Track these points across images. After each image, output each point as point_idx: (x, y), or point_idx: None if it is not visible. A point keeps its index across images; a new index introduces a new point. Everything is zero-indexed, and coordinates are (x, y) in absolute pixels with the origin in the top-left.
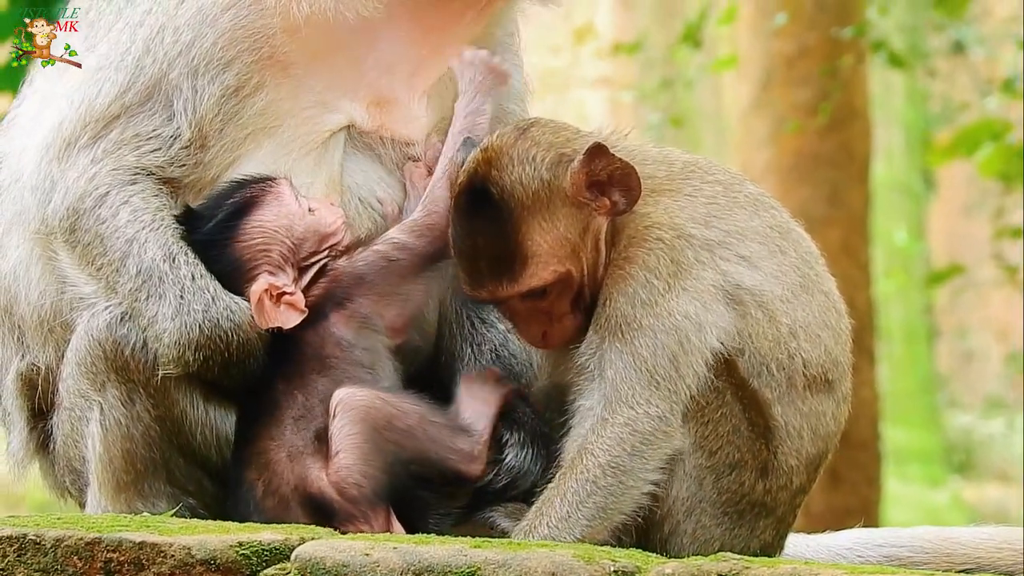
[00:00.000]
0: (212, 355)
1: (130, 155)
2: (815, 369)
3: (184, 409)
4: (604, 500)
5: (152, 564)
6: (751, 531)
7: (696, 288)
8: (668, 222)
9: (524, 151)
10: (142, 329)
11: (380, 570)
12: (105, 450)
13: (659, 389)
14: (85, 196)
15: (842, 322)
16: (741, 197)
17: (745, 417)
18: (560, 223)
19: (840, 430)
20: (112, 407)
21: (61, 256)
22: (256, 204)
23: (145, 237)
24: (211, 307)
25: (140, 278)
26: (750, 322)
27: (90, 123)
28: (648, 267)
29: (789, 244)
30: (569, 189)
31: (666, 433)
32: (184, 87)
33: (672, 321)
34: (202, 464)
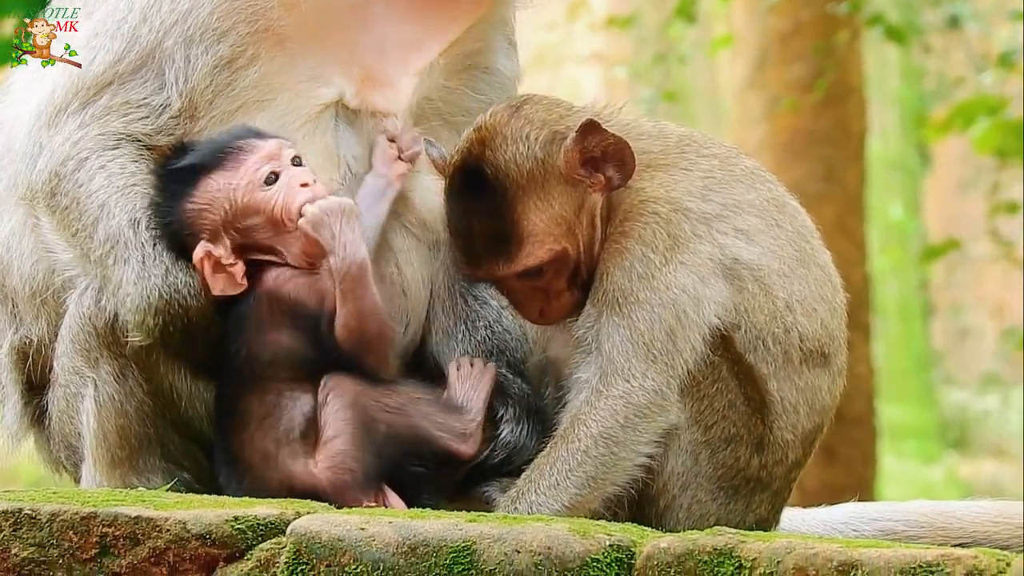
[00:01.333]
0: (172, 320)
1: (117, 121)
2: (811, 343)
3: (173, 383)
4: (595, 470)
5: (147, 539)
6: (747, 506)
7: (693, 262)
8: (664, 196)
9: (518, 130)
10: (112, 295)
11: (376, 544)
12: (99, 426)
13: (655, 363)
14: (67, 160)
15: (838, 296)
16: (737, 170)
17: (741, 392)
18: (555, 201)
19: (836, 404)
20: (105, 383)
21: (43, 221)
22: (216, 165)
23: (115, 202)
24: (169, 272)
25: (108, 244)
26: (746, 296)
27: (81, 89)
28: (645, 241)
29: (785, 218)
30: (563, 167)
31: (661, 407)
32: (177, 56)
33: (669, 295)
34: (196, 439)
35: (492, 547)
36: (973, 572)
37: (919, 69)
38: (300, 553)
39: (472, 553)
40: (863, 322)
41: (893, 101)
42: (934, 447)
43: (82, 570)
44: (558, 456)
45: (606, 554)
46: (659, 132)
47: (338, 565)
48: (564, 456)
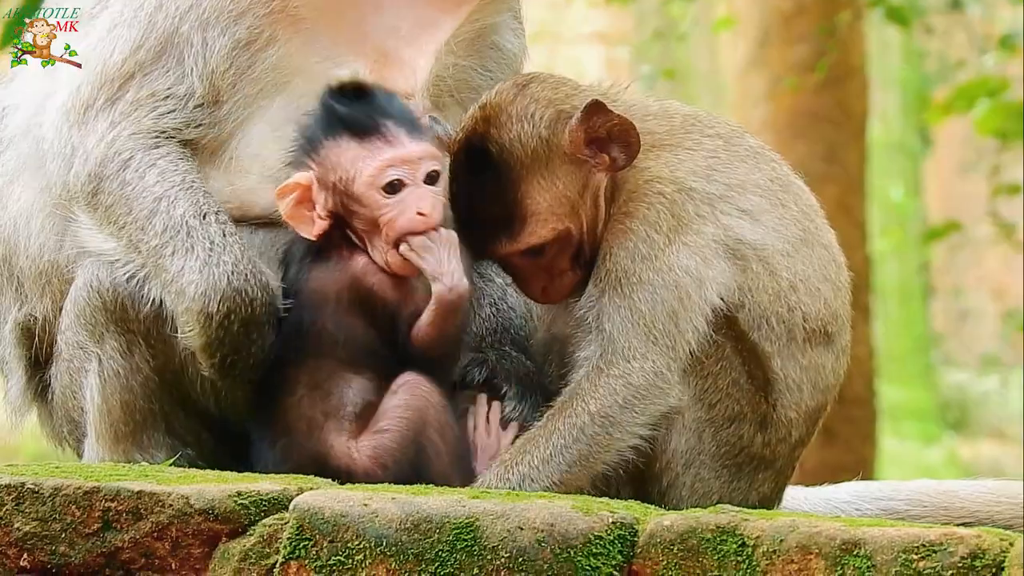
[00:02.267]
0: (236, 308)
1: (147, 117)
2: (815, 322)
3: (184, 359)
4: (588, 448)
5: (150, 513)
6: (750, 484)
7: (697, 243)
8: (669, 176)
9: (523, 108)
10: (163, 287)
11: (379, 520)
12: (103, 401)
13: (657, 344)
14: (107, 161)
15: (842, 275)
16: (742, 150)
17: (745, 370)
18: (559, 181)
19: (839, 383)
20: (111, 358)
21: (81, 219)
22: (359, 133)
23: (175, 195)
24: (240, 262)
25: (167, 234)
26: (750, 276)
27: (105, 83)
28: (648, 221)
29: (790, 197)
30: (568, 146)
31: (661, 389)
32: (195, 40)
33: (672, 276)
34: (201, 415)
35: (495, 524)
36: (976, 552)
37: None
38: (303, 529)
39: (475, 530)
40: (863, 303)
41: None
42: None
43: (84, 544)
44: (554, 430)
45: (609, 531)
46: (664, 112)
47: (340, 541)
48: (560, 430)
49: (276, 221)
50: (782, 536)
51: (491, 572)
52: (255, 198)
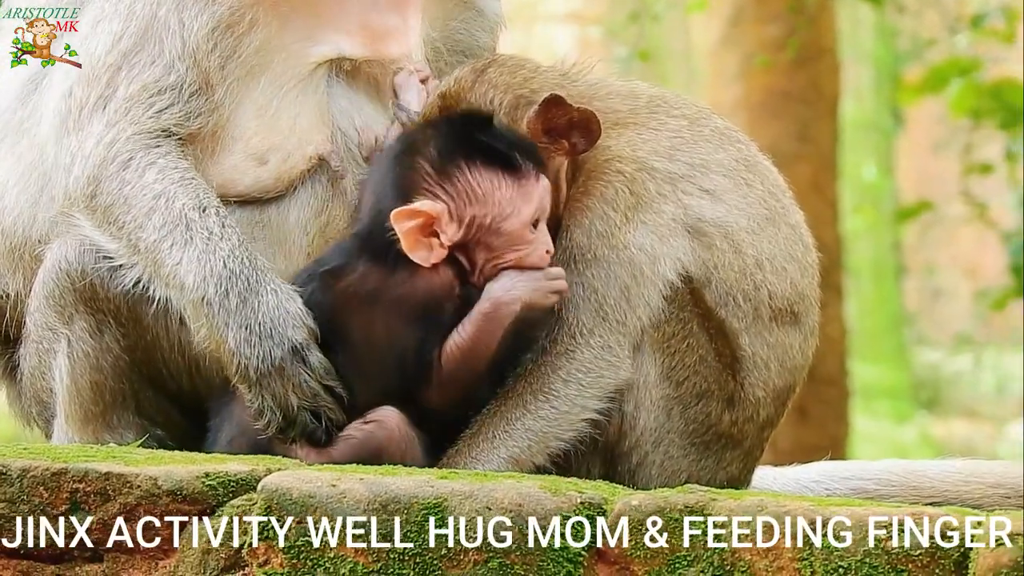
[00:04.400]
0: (232, 286)
1: (145, 115)
2: (780, 301)
3: (157, 334)
4: (534, 423)
5: (118, 495)
6: (718, 463)
7: (655, 221)
8: (630, 155)
9: (481, 95)
10: (165, 285)
11: (347, 501)
12: (73, 382)
13: (606, 320)
14: (106, 162)
15: (809, 255)
16: (707, 131)
17: (712, 347)
18: None
19: (808, 364)
20: (80, 339)
21: (82, 222)
22: (512, 171)
23: (174, 191)
24: (236, 248)
25: (165, 228)
26: (715, 253)
27: (93, 80)
28: (606, 199)
29: (756, 177)
30: (525, 134)
31: (610, 363)
32: (172, 22)
33: (627, 254)
34: (172, 395)
35: (463, 504)
36: (944, 531)
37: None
38: (271, 509)
39: (443, 510)
40: (836, 282)
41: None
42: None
43: (52, 526)
44: (496, 411)
45: (577, 511)
46: (629, 91)
47: (309, 522)
48: (503, 411)
49: (259, 199)
50: (750, 516)
51: (459, 552)
52: (238, 175)
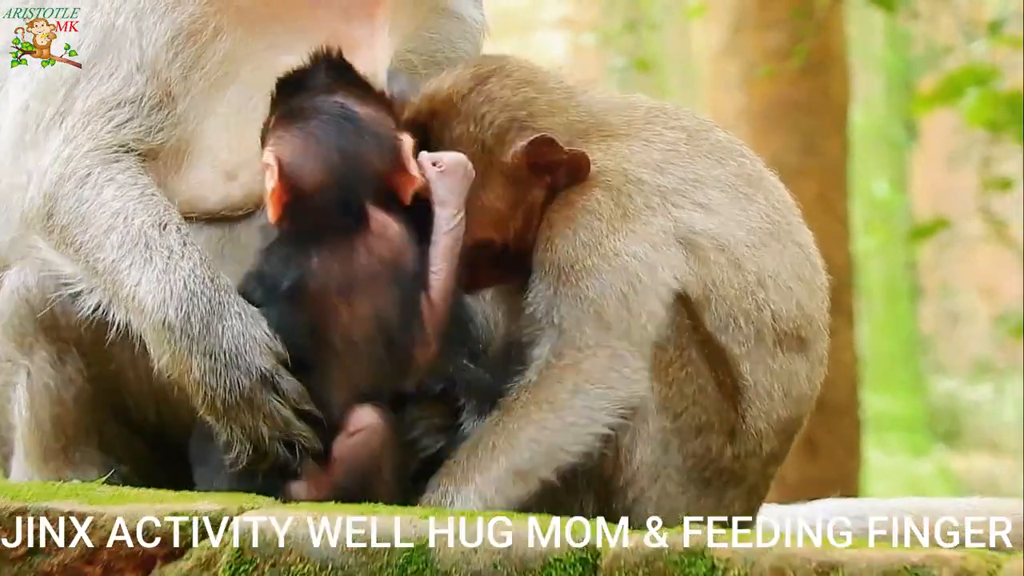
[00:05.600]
0: (193, 309)
1: (104, 130)
2: (786, 324)
3: (121, 364)
4: (539, 434)
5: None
6: (719, 501)
7: (645, 231)
8: (616, 167)
9: (474, 107)
10: (124, 308)
11: (325, 542)
12: (33, 415)
13: (611, 331)
14: (63, 180)
15: (818, 277)
16: (706, 144)
17: (712, 376)
18: (491, 192)
19: (815, 394)
20: (41, 370)
21: (40, 244)
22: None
23: (133, 208)
24: (198, 267)
25: (124, 248)
26: (712, 268)
27: (50, 94)
28: (588, 210)
29: (758, 192)
30: (508, 165)
31: (621, 376)
32: (130, 31)
33: (619, 261)
34: (138, 428)
35: (448, 545)
36: (961, 574)
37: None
38: (243, 551)
39: (427, 552)
40: (846, 306)
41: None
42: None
43: (11, 570)
44: (497, 422)
45: (570, 553)
46: (628, 104)
47: (284, 564)
48: (504, 422)
49: (228, 216)
50: (754, 558)
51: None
52: (206, 191)
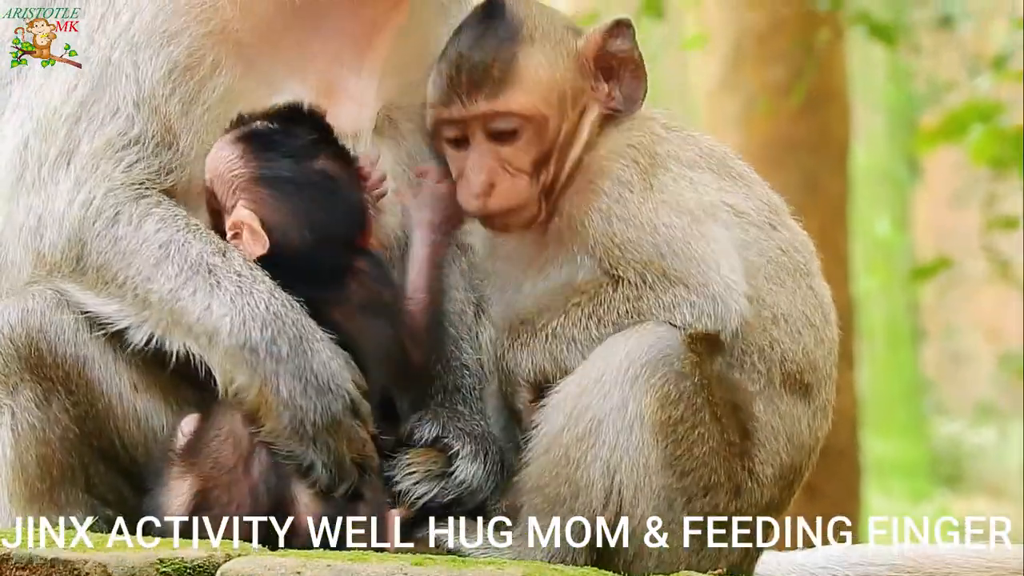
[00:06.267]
0: (280, 331)
1: (116, 171)
2: (791, 365)
3: (109, 403)
4: None
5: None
6: (719, 551)
7: (676, 201)
8: (648, 145)
9: (542, 8)
10: (188, 334)
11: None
12: (17, 457)
13: (686, 282)
14: (87, 222)
15: (828, 329)
16: (736, 166)
17: (723, 438)
18: (559, 69)
19: (817, 446)
20: (25, 410)
21: (70, 289)
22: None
23: (183, 239)
24: (275, 290)
25: (184, 275)
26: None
27: (51, 133)
28: (621, 181)
29: (783, 226)
30: (582, 50)
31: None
32: (126, 66)
33: (665, 219)
34: (125, 470)
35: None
36: None
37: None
38: None
39: None
40: (846, 347)
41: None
42: (924, 484)
43: None
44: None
45: None
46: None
47: None
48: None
49: None
50: None
51: None
52: None
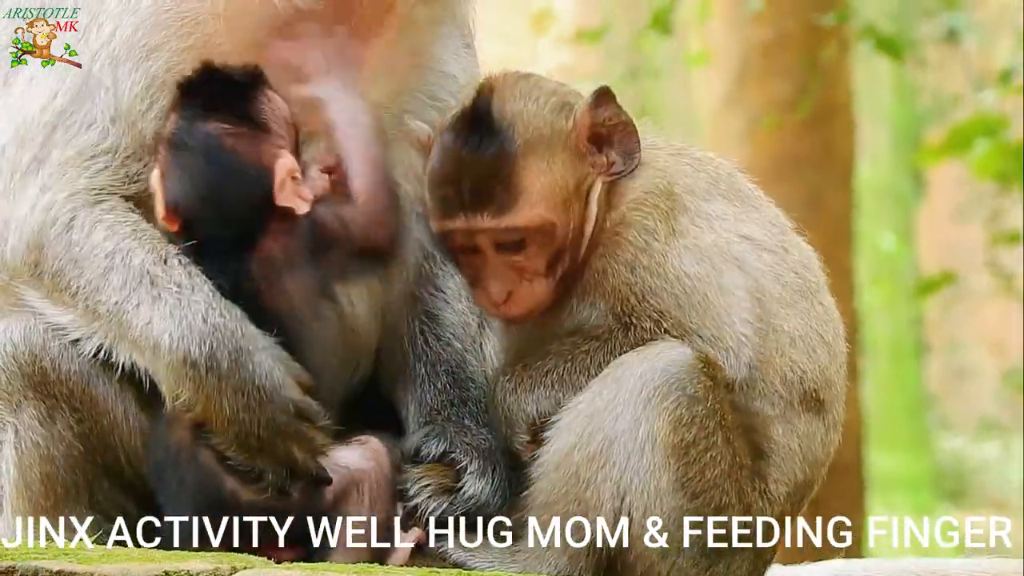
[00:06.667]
0: (219, 344)
1: (81, 178)
2: (809, 384)
3: (114, 419)
4: None
5: None
6: (728, 567)
7: (696, 246)
8: (666, 188)
9: (528, 89)
10: (133, 347)
11: None
12: (21, 474)
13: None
14: (46, 227)
15: (839, 343)
16: (744, 188)
17: (735, 461)
18: (557, 169)
19: (828, 460)
20: (29, 428)
21: (29, 296)
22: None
23: (128, 247)
24: (212, 300)
25: (128, 287)
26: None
27: (27, 140)
28: (647, 230)
29: (792, 246)
30: (572, 133)
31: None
32: (106, 79)
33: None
34: (128, 485)
35: None
36: None
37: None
38: None
39: None
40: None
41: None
42: (928, 498)
43: None
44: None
45: None
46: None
47: None
48: None
49: None
50: None
51: None
52: None
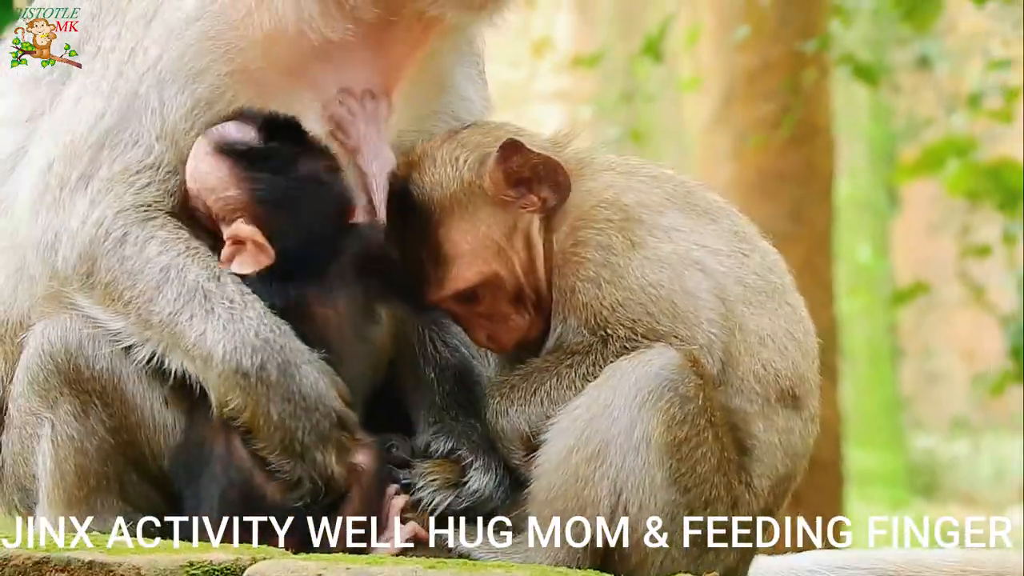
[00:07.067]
0: (269, 357)
1: (128, 193)
2: (785, 381)
3: (142, 415)
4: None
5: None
6: (716, 556)
7: (656, 255)
8: (614, 199)
9: (448, 153)
10: (185, 356)
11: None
12: (56, 466)
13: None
14: (98, 240)
15: (809, 339)
16: (702, 198)
17: (723, 456)
18: (482, 224)
19: (808, 452)
20: (65, 422)
21: (81, 303)
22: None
23: (182, 263)
24: (264, 316)
25: (181, 301)
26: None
27: (75, 158)
28: (602, 246)
29: (753, 250)
30: (489, 188)
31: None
32: (152, 99)
33: (652, 278)
34: (155, 478)
35: None
36: None
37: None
38: None
39: None
40: (830, 365)
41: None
42: (903, 493)
43: None
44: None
45: None
46: (623, 162)
47: None
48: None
49: None
50: None
51: None
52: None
